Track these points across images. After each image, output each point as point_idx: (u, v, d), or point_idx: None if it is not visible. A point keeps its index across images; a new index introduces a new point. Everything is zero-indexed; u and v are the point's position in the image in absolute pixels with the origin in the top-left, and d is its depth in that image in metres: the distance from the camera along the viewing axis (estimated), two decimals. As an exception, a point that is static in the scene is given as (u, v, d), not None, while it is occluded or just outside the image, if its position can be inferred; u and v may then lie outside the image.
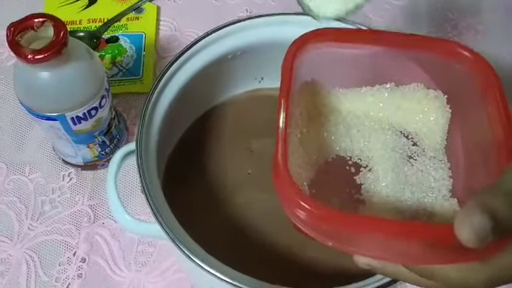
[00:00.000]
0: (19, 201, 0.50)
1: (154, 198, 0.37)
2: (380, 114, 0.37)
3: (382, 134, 0.37)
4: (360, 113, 0.37)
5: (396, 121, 0.37)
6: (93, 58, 0.43)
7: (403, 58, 0.35)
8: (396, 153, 0.36)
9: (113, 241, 0.48)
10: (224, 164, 0.49)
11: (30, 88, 0.41)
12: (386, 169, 0.35)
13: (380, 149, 0.36)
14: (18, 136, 0.53)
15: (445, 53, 0.34)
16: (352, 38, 0.35)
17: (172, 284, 0.46)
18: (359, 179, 0.35)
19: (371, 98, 0.37)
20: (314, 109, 0.37)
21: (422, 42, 0.35)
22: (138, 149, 0.39)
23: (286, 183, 0.28)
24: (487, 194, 0.24)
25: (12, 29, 0.39)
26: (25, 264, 0.46)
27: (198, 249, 0.36)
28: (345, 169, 0.36)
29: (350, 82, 0.38)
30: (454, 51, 0.34)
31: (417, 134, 0.37)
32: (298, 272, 0.43)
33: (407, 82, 0.37)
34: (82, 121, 0.43)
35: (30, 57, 0.38)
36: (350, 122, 0.37)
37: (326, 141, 0.36)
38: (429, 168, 0.35)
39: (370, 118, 0.37)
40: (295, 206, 0.28)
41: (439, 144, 0.37)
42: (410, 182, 0.35)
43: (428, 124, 0.37)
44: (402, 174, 0.35)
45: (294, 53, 0.33)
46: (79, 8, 0.61)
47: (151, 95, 0.42)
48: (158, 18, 0.62)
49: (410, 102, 0.37)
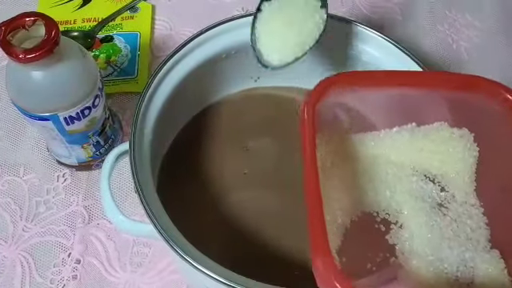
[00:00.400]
0: (13, 202, 0.49)
1: (147, 199, 0.37)
2: (402, 157, 0.35)
3: (407, 182, 0.34)
4: (380, 159, 0.35)
5: (420, 164, 0.35)
6: (86, 56, 0.42)
7: (425, 97, 0.34)
8: (425, 202, 0.34)
9: (108, 242, 0.47)
10: (219, 163, 0.48)
11: (22, 88, 0.41)
12: (418, 223, 0.33)
13: (408, 200, 0.34)
14: (11, 137, 0.53)
15: (480, 91, 0.32)
16: (372, 81, 0.33)
17: (168, 285, 0.45)
18: (391, 239, 0.33)
19: (390, 141, 0.35)
20: (328, 161, 0.34)
21: (450, 80, 0.33)
22: (132, 149, 0.39)
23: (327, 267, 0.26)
24: None
25: (3, 28, 0.38)
26: (19, 266, 0.46)
27: (193, 249, 0.36)
28: (373, 228, 0.34)
29: (367, 125, 0.36)
30: (494, 91, 0.32)
31: (443, 176, 0.35)
32: (293, 272, 0.42)
33: (429, 121, 0.35)
34: (75, 121, 0.43)
35: (21, 56, 0.37)
36: (370, 172, 0.35)
37: (347, 198, 0.34)
38: (462, 216, 0.33)
39: (392, 163, 0.35)
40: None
41: (468, 186, 0.34)
42: (447, 236, 0.32)
43: (455, 165, 0.35)
44: (436, 227, 0.33)
45: (314, 104, 0.31)
46: (73, 7, 0.61)
47: (144, 95, 0.42)
48: (153, 17, 0.61)
49: (434, 143, 0.35)
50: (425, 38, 0.62)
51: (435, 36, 0.62)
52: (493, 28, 0.63)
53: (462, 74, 0.34)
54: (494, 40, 0.62)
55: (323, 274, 0.27)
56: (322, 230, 0.27)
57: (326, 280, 0.26)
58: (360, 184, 0.34)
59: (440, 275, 0.31)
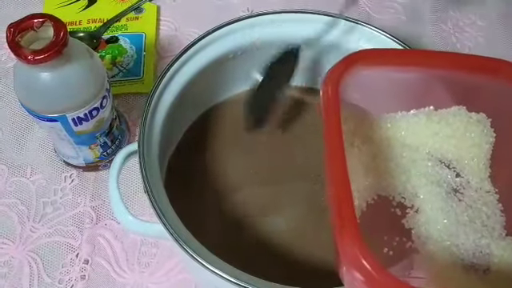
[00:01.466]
0: (21, 203, 0.49)
1: (156, 198, 0.37)
2: (417, 141, 0.34)
3: (422, 166, 0.34)
4: (396, 142, 0.34)
5: (435, 149, 0.35)
6: (93, 57, 0.42)
7: (444, 79, 0.33)
8: (441, 187, 0.33)
9: (115, 242, 0.47)
10: (226, 163, 0.48)
11: (30, 89, 0.41)
12: (434, 208, 0.33)
13: (424, 184, 0.33)
14: (18, 138, 0.53)
15: (495, 72, 0.32)
16: (397, 60, 0.33)
17: (176, 285, 0.46)
18: (407, 223, 0.33)
19: (406, 124, 0.35)
20: (346, 141, 0.34)
21: (472, 62, 0.32)
22: (140, 149, 0.39)
23: (355, 244, 0.26)
24: None
25: (12, 29, 0.38)
26: (27, 266, 0.46)
27: (202, 248, 0.36)
28: (389, 211, 0.33)
29: (385, 107, 0.35)
30: (508, 70, 0.32)
31: (458, 162, 0.35)
32: (302, 271, 0.42)
33: (447, 105, 0.35)
34: (83, 121, 0.43)
35: (30, 57, 0.38)
36: (386, 154, 0.34)
37: (363, 180, 0.33)
38: (478, 202, 0.33)
39: (407, 147, 0.34)
40: (357, 268, 0.26)
41: (483, 172, 0.34)
42: (462, 222, 0.32)
43: (470, 150, 0.34)
44: (452, 212, 0.32)
45: (338, 79, 0.30)
46: (79, 8, 0.61)
47: (152, 95, 0.42)
48: (158, 17, 0.62)
49: (450, 127, 0.34)
50: (429, 38, 0.62)
51: (439, 35, 0.62)
52: (497, 27, 0.63)
53: (483, 57, 0.34)
54: (497, 39, 0.62)
55: (350, 250, 0.26)
56: (350, 204, 0.27)
57: (353, 256, 0.26)
58: (376, 166, 0.34)
59: (456, 261, 0.31)
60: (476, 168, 0.34)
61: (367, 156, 0.34)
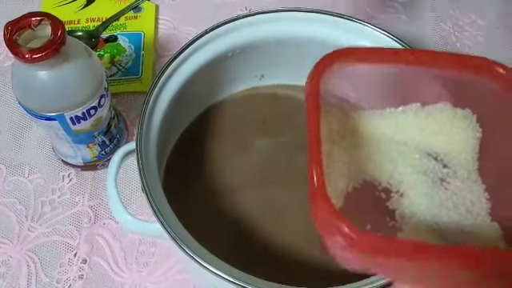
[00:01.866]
0: (19, 202, 0.49)
1: (154, 197, 0.37)
2: (405, 137, 0.35)
3: (409, 158, 0.35)
4: (384, 137, 0.35)
5: (423, 143, 0.35)
6: (91, 56, 0.42)
7: (429, 76, 0.34)
8: (427, 176, 0.34)
9: (114, 241, 0.47)
10: (224, 162, 0.48)
11: (28, 88, 0.41)
12: (419, 193, 0.33)
13: (410, 173, 0.34)
14: (16, 137, 0.53)
15: (476, 70, 0.33)
16: (378, 58, 0.34)
17: (174, 284, 0.45)
18: (391, 205, 0.33)
19: (395, 121, 0.36)
20: (336, 133, 0.35)
21: (452, 60, 0.33)
22: (138, 148, 0.39)
23: (325, 208, 0.27)
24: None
25: (9, 28, 0.38)
26: (25, 265, 0.46)
27: (200, 248, 0.36)
28: (374, 195, 0.34)
29: (373, 102, 0.36)
30: (487, 68, 0.32)
31: (446, 155, 0.35)
32: (301, 270, 0.42)
33: (433, 101, 0.35)
34: (82, 120, 0.43)
35: (27, 56, 0.37)
36: (374, 146, 0.35)
37: (350, 166, 0.34)
38: (464, 191, 0.34)
39: (396, 143, 0.35)
40: (335, 233, 0.27)
41: (471, 165, 0.35)
42: (447, 206, 0.33)
43: (457, 145, 0.35)
44: (436, 198, 0.33)
45: (320, 73, 0.32)
46: (77, 7, 0.61)
47: (150, 94, 0.42)
48: (157, 16, 0.61)
49: (437, 123, 0.35)
50: (429, 37, 0.62)
51: (439, 34, 0.62)
52: (497, 26, 0.63)
53: (464, 55, 0.35)
54: (497, 38, 0.62)
55: (321, 216, 0.27)
56: (321, 175, 0.28)
57: (325, 221, 0.27)
58: (363, 156, 0.35)
59: (438, 239, 0.32)
60: (464, 161, 0.35)
61: (356, 149, 0.35)
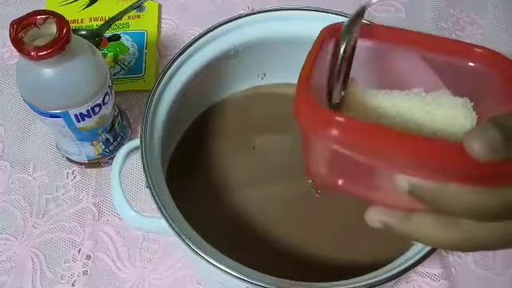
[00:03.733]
0: (24, 199, 0.50)
1: (158, 192, 0.38)
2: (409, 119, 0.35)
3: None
4: (390, 114, 0.35)
5: (425, 127, 0.35)
6: (95, 54, 0.43)
7: (425, 63, 0.34)
8: None
9: (117, 238, 0.48)
10: (227, 160, 0.49)
11: (33, 85, 0.41)
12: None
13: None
14: (21, 134, 0.53)
15: (457, 54, 0.33)
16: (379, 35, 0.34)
17: (177, 280, 0.46)
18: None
19: (400, 102, 0.36)
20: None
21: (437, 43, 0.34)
22: (143, 144, 0.39)
23: (312, 107, 0.27)
24: (499, 117, 0.24)
25: (15, 26, 0.39)
26: (30, 261, 0.46)
27: (204, 243, 0.37)
28: None
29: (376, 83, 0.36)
30: (465, 50, 0.33)
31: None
32: (303, 265, 0.43)
33: (433, 89, 0.36)
34: (86, 118, 0.44)
35: (33, 54, 0.38)
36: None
37: None
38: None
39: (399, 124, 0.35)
40: (328, 125, 0.26)
41: None
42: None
43: (454, 130, 0.35)
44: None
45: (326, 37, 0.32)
46: (80, 7, 0.61)
47: (154, 92, 0.42)
48: (160, 16, 0.62)
49: (439, 109, 0.35)
50: (429, 36, 0.62)
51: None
52: (497, 25, 0.64)
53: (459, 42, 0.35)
54: (497, 37, 0.63)
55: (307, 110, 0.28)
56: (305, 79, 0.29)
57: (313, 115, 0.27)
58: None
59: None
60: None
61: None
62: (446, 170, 0.26)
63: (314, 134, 0.28)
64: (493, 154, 0.23)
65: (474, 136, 0.23)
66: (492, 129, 0.23)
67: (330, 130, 0.26)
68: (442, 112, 0.35)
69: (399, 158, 0.27)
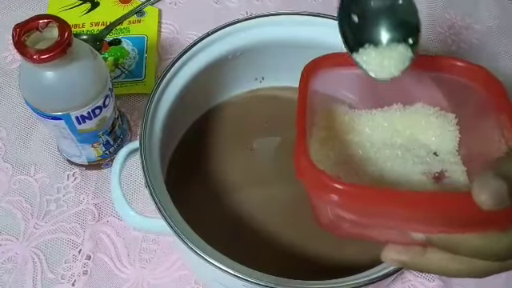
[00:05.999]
0: (25, 200, 0.50)
1: (158, 193, 0.38)
2: (393, 137, 0.37)
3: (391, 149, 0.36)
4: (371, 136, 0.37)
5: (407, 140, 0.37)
6: (96, 58, 0.43)
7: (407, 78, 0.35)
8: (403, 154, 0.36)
9: (117, 238, 0.48)
10: (226, 162, 0.49)
11: (35, 88, 0.42)
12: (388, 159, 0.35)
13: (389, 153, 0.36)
14: (22, 137, 0.54)
15: (442, 69, 0.35)
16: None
17: (176, 280, 0.47)
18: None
19: (381, 119, 0.37)
20: (324, 129, 0.37)
21: (421, 62, 0.34)
22: (142, 145, 0.40)
23: (312, 170, 0.28)
24: (500, 163, 0.26)
25: (18, 29, 0.40)
26: (31, 262, 0.47)
27: (202, 243, 0.37)
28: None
29: (359, 103, 0.38)
30: (449, 65, 0.34)
31: (426, 147, 0.37)
32: (300, 264, 0.43)
33: (412, 102, 0.37)
34: (87, 120, 0.44)
35: (35, 57, 0.39)
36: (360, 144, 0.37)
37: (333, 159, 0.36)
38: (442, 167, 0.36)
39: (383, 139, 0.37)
40: (327, 191, 0.27)
41: (453, 155, 0.36)
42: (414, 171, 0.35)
43: (437, 140, 0.37)
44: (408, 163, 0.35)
45: (308, 77, 0.34)
46: (82, 12, 0.62)
47: (153, 94, 0.43)
48: (160, 20, 0.63)
49: (419, 123, 0.37)
50: (425, 40, 0.63)
51: (435, 38, 0.63)
52: (492, 30, 0.64)
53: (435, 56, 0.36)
54: (493, 42, 0.64)
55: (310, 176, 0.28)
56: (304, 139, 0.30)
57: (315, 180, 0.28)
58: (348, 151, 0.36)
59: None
60: (446, 151, 0.36)
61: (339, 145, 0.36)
62: (453, 221, 0.27)
63: (315, 195, 0.29)
64: (499, 204, 0.25)
65: (482, 188, 0.25)
66: (498, 181, 0.25)
67: (330, 195, 0.27)
68: (418, 125, 0.37)
69: (405, 216, 0.28)
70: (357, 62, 0.33)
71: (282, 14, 0.48)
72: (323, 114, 0.37)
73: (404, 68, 0.32)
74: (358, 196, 0.27)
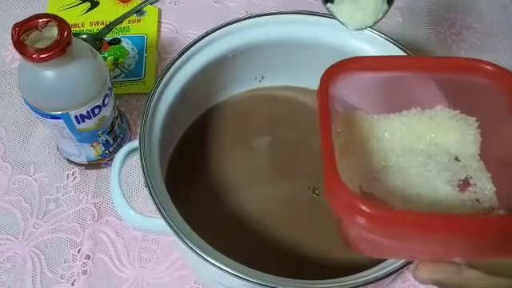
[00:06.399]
0: (24, 200, 0.50)
1: (157, 192, 0.38)
2: (412, 138, 0.37)
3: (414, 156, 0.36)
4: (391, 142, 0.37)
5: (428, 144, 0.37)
6: (96, 57, 0.43)
7: (426, 81, 0.35)
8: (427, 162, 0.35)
9: (117, 238, 0.48)
10: (225, 161, 0.49)
11: (34, 87, 0.42)
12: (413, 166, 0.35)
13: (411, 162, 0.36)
14: (22, 136, 0.54)
15: (466, 71, 0.34)
16: (379, 66, 0.35)
17: (176, 280, 0.46)
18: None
19: (400, 124, 0.37)
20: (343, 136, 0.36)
21: (444, 64, 0.34)
22: (142, 144, 0.40)
23: (341, 192, 0.27)
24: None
25: (17, 29, 0.39)
26: (30, 261, 0.47)
27: (202, 242, 0.37)
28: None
29: (377, 108, 0.38)
30: (475, 67, 0.34)
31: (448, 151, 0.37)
32: (300, 263, 0.43)
33: (431, 104, 0.37)
34: (86, 119, 0.44)
35: (34, 56, 0.39)
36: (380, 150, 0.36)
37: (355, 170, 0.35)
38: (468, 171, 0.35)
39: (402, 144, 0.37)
40: (355, 213, 0.27)
41: (475, 159, 0.36)
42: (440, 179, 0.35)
43: (460, 146, 0.36)
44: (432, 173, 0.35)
45: (326, 84, 0.33)
46: (81, 11, 0.62)
47: (154, 93, 0.43)
48: (159, 20, 0.63)
49: (438, 126, 0.37)
50: (425, 40, 0.63)
51: (435, 37, 0.63)
52: (492, 29, 0.64)
53: (463, 58, 0.36)
54: (493, 41, 0.64)
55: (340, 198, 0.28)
56: (334, 162, 0.29)
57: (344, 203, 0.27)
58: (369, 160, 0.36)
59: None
60: (468, 156, 0.36)
61: (359, 153, 0.36)
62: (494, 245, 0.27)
63: (342, 217, 0.29)
64: None
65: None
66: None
67: (357, 217, 0.27)
68: (438, 128, 0.36)
69: (439, 242, 0.27)
70: (331, 12, 0.33)
71: (281, 14, 0.48)
72: (341, 120, 0.36)
73: (376, 19, 0.32)
74: (385, 220, 0.27)
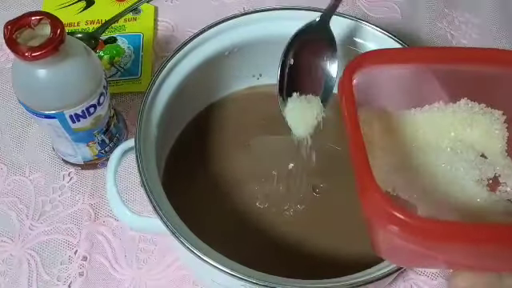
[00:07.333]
0: (20, 201, 0.50)
1: (153, 191, 0.38)
2: (435, 135, 0.36)
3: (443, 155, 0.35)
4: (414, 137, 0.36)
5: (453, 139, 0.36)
6: (90, 55, 0.43)
7: (451, 74, 0.34)
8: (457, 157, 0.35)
9: (114, 239, 0.48)
10: (223, 159, 0.49)
11: (28, 86, 0.41)
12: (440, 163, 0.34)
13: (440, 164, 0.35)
14: (17, 137, 0.54)
15: (496, 62, 0.33)
16: (401, 58, 0.34)
17: (173, 281, 0.46)
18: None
19: (422, 119, 0.36)
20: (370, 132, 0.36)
21: (471, 55, 0.34)
22: (137, 144, 0.39)
23: (379, 199, 0.27)
24: None
25: (9, 27, 0.39)
26: (26, 263, 0.46)
27: (199, 242, 0.36)
28: None
29: (399, 103, 0.37)
30: (503, 58, 0.33)
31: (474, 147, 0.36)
32: (300, 263, 0.43)
33: (455, 99, 0.36)
34: (81, 118, 0.44)
35: (27, 54, 0.38)
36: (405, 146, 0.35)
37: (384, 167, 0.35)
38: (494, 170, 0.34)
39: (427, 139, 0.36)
40: (389, 220, 0.26)
41: (502, 157, 0.35)
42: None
43: (485, 142, 0.35)
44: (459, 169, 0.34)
45: (350, 76, 0.32)
46: (77, 10, 0.62)
47: (149, 91, 0.42)
48: (156, 18, 0.62)
49: (463, 121, 0.35)
50: (424, 35, 0.62)
51: (435, 33, 0.63)
52: (491, 25, 0.64)
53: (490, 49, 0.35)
54: (492, 36, 0.63)
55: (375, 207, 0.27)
56: (367, 168, 0.28)
57: (379, 211, 0.27)
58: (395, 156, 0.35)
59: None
60: (492, 151, 0.35)
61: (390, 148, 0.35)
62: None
63: (376, 224, 0.28)
64: None
65: None
66: None
67: (391, 225, 0.26)
68: (462, 122, 0.35)
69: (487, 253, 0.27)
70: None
71: (279, 10, 0.48)
72: (363, 119, 0.35)
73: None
74: (418, 228, 0.26)
